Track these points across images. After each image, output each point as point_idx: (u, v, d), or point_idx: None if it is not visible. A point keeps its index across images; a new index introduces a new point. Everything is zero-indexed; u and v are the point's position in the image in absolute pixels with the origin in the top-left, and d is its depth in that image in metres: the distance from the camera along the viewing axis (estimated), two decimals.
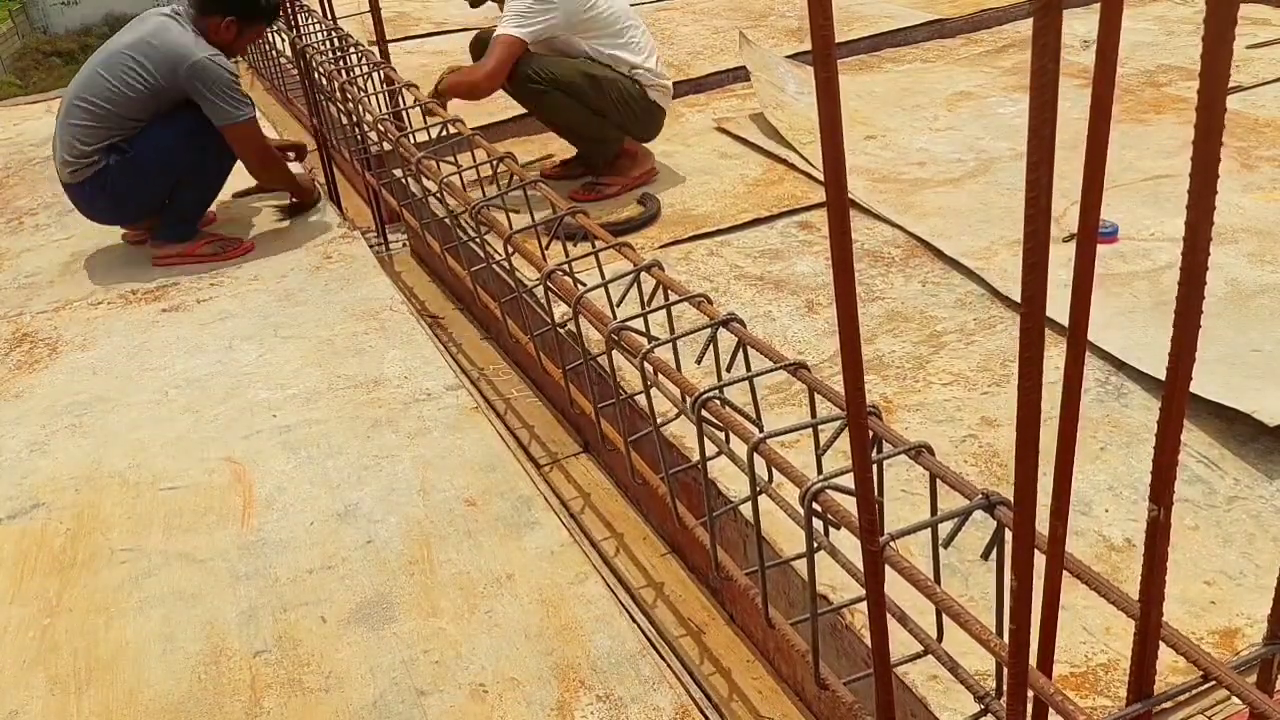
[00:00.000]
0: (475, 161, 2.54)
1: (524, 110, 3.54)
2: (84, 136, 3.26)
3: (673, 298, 1.77)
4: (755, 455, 1.35)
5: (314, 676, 1.84)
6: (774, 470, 1.33)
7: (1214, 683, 0.97)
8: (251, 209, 3.90)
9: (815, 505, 1.20)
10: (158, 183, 3.35)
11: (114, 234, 3.69)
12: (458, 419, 2.56)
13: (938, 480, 1.23)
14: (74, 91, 3.30)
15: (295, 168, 3.83)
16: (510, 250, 2.19)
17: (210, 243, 3.48)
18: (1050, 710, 1.01)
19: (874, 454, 1.26)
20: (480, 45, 3.45)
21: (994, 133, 3.70)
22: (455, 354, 2.99)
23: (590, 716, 1.71)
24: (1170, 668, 1.37)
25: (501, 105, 4.28)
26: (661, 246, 3.03)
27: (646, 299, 1.84)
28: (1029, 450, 0.83)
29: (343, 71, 3.47)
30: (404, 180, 3.30)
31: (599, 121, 3.28)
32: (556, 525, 2.17)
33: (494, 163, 2.47)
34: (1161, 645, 0.97)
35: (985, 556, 1.15)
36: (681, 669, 1.84)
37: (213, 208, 3.74)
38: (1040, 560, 0.91)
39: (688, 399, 1.49)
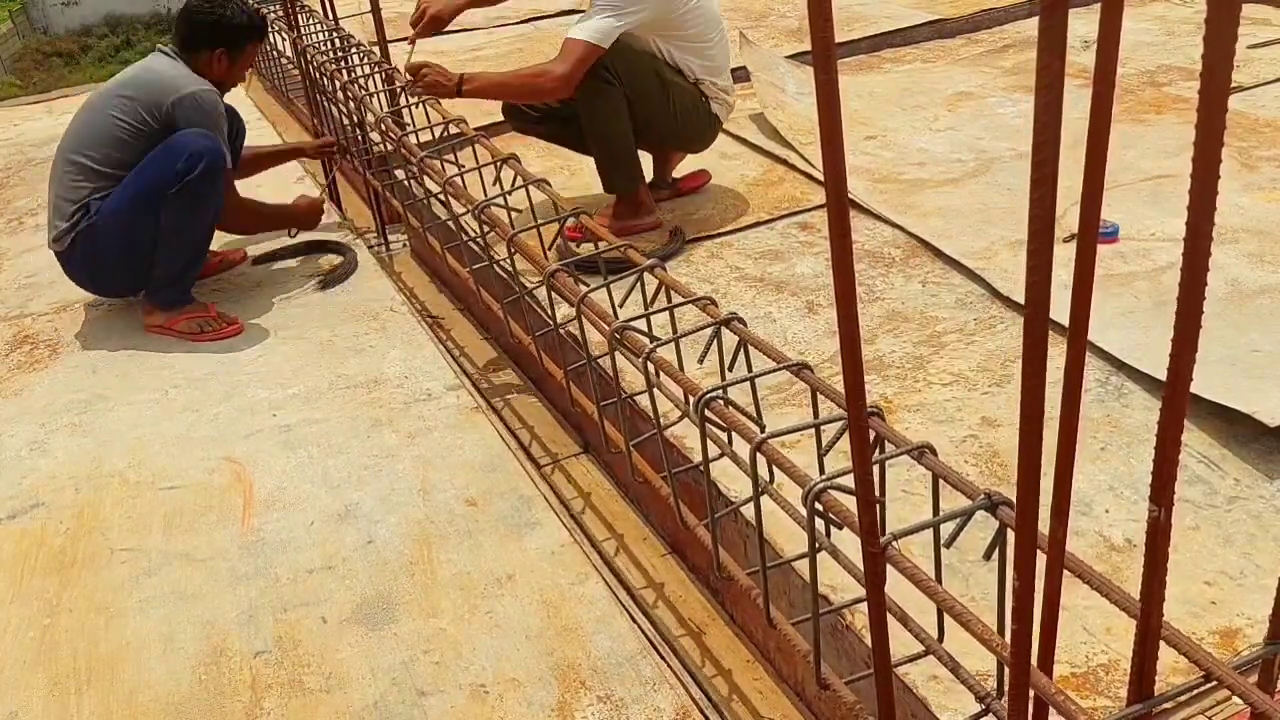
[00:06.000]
0: (478, 162, 2.54)
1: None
2: (68, 194, 2.98)
3: (675, 299, 1.77)
4: (758, 455, 1.35)
5: (314, 677, 1.84)
6: (776, 470, 1.33)
7: (1215, 683, 0.97)
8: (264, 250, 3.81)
9: (817, 505, 1.21)
10: (119, 253, 2.99)
11: None
12: (458, 419, 2.56)
13: (939, 480, 1.23)
14: (62, 147, 3.04)
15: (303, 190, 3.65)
16: (513, 250, 2.20)
17: (193, 318, 3.08)
18: (1051, 710, 1.01)
19: (877, 454, 1.26)
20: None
21: (994, 133, 3.70)
22: (455, 354, 2.99)
23: (591, 717, 1.71)
24: (1171, 668, 1.37)
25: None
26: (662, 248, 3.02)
27: (649, 300, 1.84)
28: (1031, 450, 0.83)
29: (343, 71, 3.47)
30: (406, 181, 3.30)
31: (632, 145, 3.07)
32: (557, 525, 2.17)
33: (497, 164, 2.47)
34: (1162, 645, 0.97)
35: (987, 557, 1.15)
36: (682, 669, 1.84)
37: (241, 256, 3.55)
38: (1041, 560, 0.91)
39: (691, 399, 1.49)
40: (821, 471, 1.33)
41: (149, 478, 2.44)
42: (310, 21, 3.98)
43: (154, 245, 2.97)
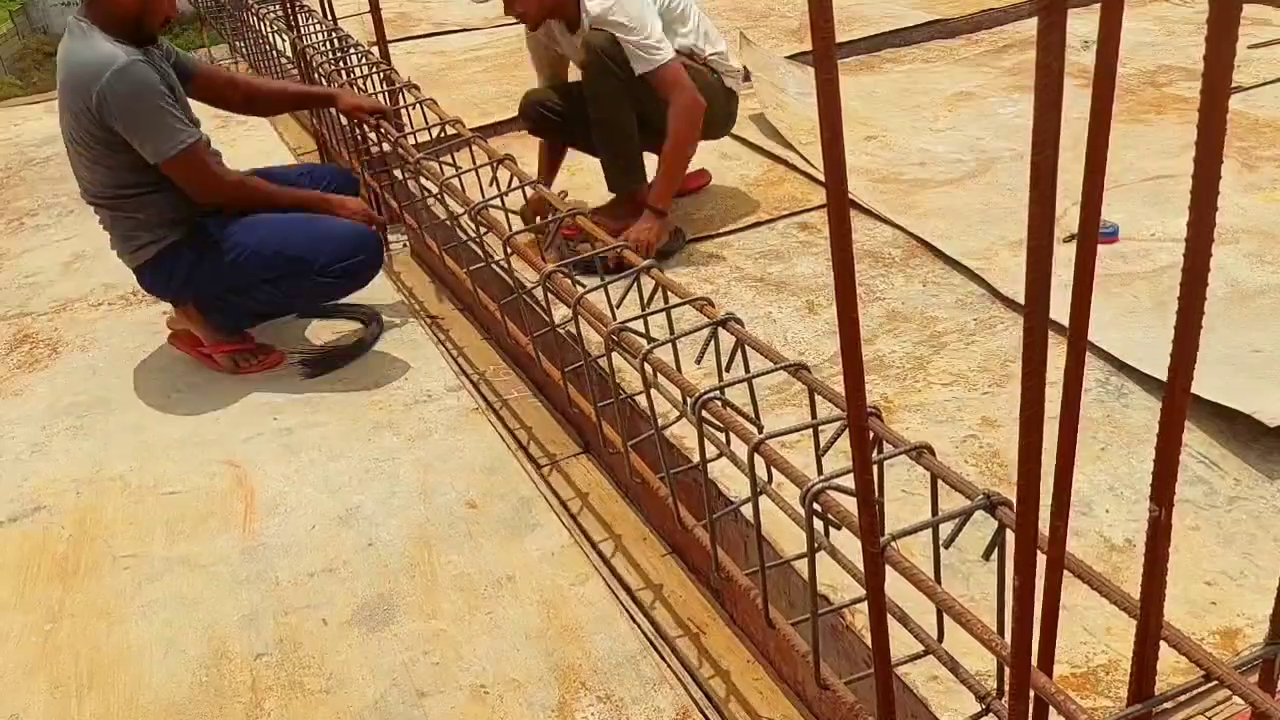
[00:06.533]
0: (475, 164, 2.54)
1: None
2: (121, 237, 2.71)
3: (673, 299, 1.77)
4: (756, 456, 1.35)
5: (315, 678, 1.84)
6: (775, 471, 1.33)
7: (1215, 683, 0.97)
8: None
9: (816, 506, 1.20)
10: (223, 282, 2.74)
11: None
12: (458, 420, 2.56)
13: (938, 480, 1.23)
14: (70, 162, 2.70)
15: None
16: (509, 251, 2.19)
17: (234, 351, 2.86)
18: (1051, 710, 1.01)
19: (875, 454, 1.26)
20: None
21: (994, 133, 3.70)
22: (455, 355, 2.99)
23: (591, 717, 1.71)
24: (1171, 668, 1.37)
25: (504, 105, 4.28)
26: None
27: (646, 300, 1.84)
28: (1032, 451, 0.83)
29: (342, 72, 3.47)
30: (405, 181, 3.30)
31: (635, 141, 3.02)
32: (557, 526, 2.17)
33: (494, 165, 2.47)
34: (1163, 645, 0.97)
35: (986, 556, 1.15)
36: (682, 669, 1.84)
37: None
38: (1041, 560, 0.91)
39: (688, 399, 1.49)
40: (820, 472, 1.33)
41: (150, 482, 2.44)
42: (309, 21, 3.98)
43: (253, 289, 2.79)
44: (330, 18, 3.79)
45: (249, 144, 4.66)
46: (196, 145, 2.58)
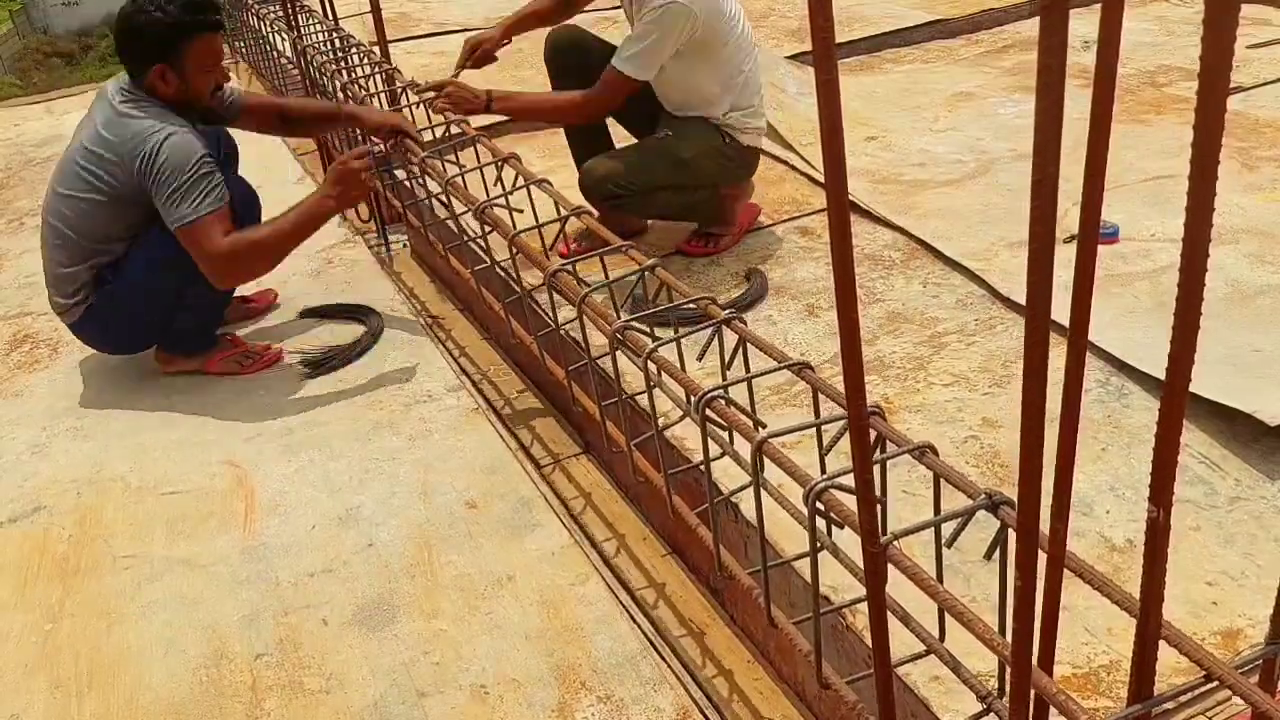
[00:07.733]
0: (479, 162, 2.54)
1: None
2: (65, 275, 2.67)
3: (677, 299, 1.77)
4: (759, 455, 1.35)
5: (314, 678, 1.84)
6: (778, 470, 1.33)
7: (1216, 683, 0.97)
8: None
9: (818, 505, 1.21)
10: (147, 316, 2.73)
11: None
12: (459, 420, 2.56)
13: (940, 480, 1.23)
14: (45, 209, 2.70)
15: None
16: (514, 251, 2.20)
17: (229, 356, 2.86)
18: (1052, 710, 1.01)
19: (878, 454, 1.26)
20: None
21: (994, 133, 3.70)
22: (456, 355, 2.99)
23: (591, 718, 1.71)
24: (1172, 668, 1.37)
25: None
26: (665, 255, 3.02)
27: (652, 298, 1.84)
28: (1033, 450, 0.84)
29: (343, 72, 3.47)
30: (407, 181, 3.30)
31: (690, 196, 2.94)
32: (558, 526, 2.17)
33: (498, 164, 2.47)
34: (1164, 645, 0.97)
35: (988, 557, 1.15)
36: (682, 670, 1.84)
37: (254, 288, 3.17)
38: (1042, 560, 0.91)
39: (692, 398, 1.49)
40: (823, 471, 1.34)
41: (151, 482, 2.44)
42: (310, 21, 3.98)
43: (177, 302, 2.70)
44: (331, 17, 3.79)
45: (248, 147, 4.64)
46: (209, 218, 2.50)
